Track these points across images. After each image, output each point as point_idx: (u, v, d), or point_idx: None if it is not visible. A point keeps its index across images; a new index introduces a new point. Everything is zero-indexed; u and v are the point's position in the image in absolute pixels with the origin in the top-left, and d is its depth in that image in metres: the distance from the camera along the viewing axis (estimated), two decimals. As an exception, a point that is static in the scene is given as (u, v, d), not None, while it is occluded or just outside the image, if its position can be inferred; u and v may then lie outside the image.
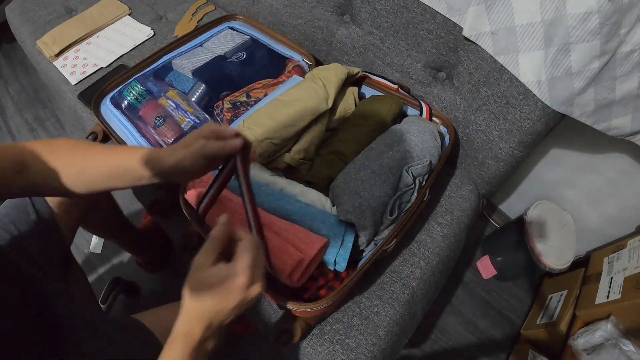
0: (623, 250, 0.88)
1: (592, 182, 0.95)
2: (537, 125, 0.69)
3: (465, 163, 0.84)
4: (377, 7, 0.78)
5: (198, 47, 0.93)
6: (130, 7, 1.10)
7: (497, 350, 1.06)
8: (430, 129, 0.72)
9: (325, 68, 0.78)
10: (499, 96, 0.71)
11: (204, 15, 1.09)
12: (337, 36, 0.89)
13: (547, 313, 1.00)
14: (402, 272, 0.71)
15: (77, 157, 0.49)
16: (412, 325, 0.71)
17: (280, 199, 0.62)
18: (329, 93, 0.74)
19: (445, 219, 0.78)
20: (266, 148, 0.68)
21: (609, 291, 0.82)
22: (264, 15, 0.99)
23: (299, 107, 0.71)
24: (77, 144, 0.49)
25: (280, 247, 0.55)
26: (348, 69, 0.79)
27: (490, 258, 1.11)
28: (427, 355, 1.04)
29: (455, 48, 0.74)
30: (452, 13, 0.69)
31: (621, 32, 0.56)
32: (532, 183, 1.08)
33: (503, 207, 1.22)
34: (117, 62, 0.98)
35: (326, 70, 0.78)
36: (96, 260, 1.15)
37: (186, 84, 0.84)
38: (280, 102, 0.73)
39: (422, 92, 0.83)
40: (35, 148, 0.47)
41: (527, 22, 0.61)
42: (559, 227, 1.00)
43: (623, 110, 0.65)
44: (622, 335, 0.76)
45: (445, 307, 1.11)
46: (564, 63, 0.61)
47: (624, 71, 0.60)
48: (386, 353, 0.65)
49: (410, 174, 0.66)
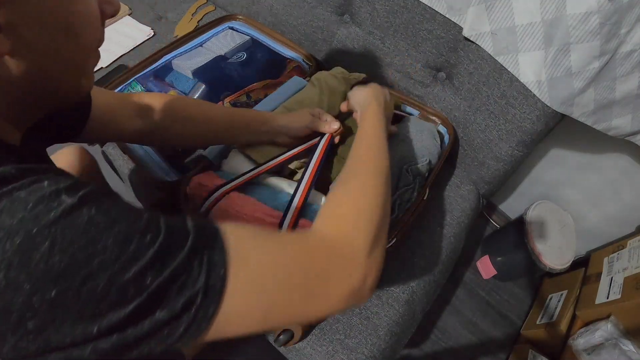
0: (623, 250, 0.88)
1: (592, 182, 0.95)
2: (537, 125, 0.69)
3: (465, 163, 0.84)
4: (377, 7, 0.78)
5: (198, 47, 0.93)
6: (130, 7, 1.10)
7: (497, 350, 1.06)
8: (429, 127, 0.72)
9: (333, 76, 0.77)
10: (499, 96, 0.71)
11: (204, 15, 1.09)
12: (337, 36, 0.89)
13: (547, 313, 1.00)
14: (401, 272, 0.71)
15: (203, 107, 0.61)
16: (412, 325, 0.71)
17: (281, 199, 0.62)
18: (335, 106, 0.74)
19: (445, 219, 0.78)
20: (270, 149, 0.68)
21: (609, 291, 0.82)
22: (264, 15, 0.99)
23: None
24: (201, 101, 0.63)
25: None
26: (354, 76, 0.78)
27: (490, 258, 1.11)
28: (427, 355, 1.04)
29: (455, 48, 0.74)
30: (452, 13, 0.69)
31: (621, 32, 0.56)
32: (532, 183, 1.08)
33: (503, 207, 1.22)
34: (117, 62, 0.98)
35: (334, 78, 0.76)
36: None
37: (186, 84, 0.84)
38: (286, 109, 0.73)
39: (422, 92, 0.83)
40: (158, 98, 0.56)
41: (527, 22, 0.61)
42: (559, 227, 1.00)
43: (623, 110, 0.65)
44: (622, 335, 0.76)
45: (445, 307, 1.11)
46: (564, 63, 0.61)
47: (624, 71, 0.60)
48: (386, 353, 0.65)
49: (409, 173, 0.66)
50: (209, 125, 0.59)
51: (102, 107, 0.49)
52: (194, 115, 0.58)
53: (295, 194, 0.59)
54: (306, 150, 0.65)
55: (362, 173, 0.42)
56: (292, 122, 0.64)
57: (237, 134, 0.62)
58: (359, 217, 0.37)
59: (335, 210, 0.38)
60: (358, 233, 0.35)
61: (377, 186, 0.40)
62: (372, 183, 0.41)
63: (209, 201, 0.60)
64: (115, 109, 0.51)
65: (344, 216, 0.37)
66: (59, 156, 0.71)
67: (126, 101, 0.53)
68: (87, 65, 0.32)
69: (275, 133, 0.64)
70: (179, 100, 0.60)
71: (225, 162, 0.68)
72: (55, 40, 0.27)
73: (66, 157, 0.71)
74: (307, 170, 0.61)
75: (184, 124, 0.57)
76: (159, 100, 0.56)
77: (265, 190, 0.63)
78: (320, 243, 0.33)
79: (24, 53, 0.26)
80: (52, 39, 0.26)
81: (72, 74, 0.30)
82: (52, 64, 0.28)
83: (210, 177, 0.63)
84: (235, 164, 0.67)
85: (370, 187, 0.40)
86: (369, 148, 0.47)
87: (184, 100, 0.60)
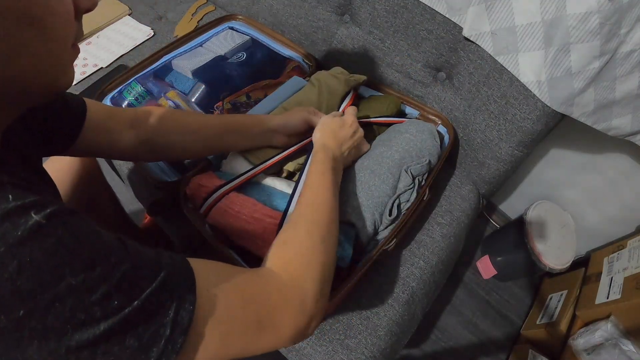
0: (623, 250, 0.88)
1: (592, 182, 0.95)
2: (537, 125, 0.69)
3: (465, 163, 0.84)
4: (377, 7, 0.78)
5: (198, 47, 0.93)
6: (130, 7, 1.10)
7: (497, 350, 1.06)
8: (429, 128, 0.72)
9: (333, 76, 0.76)
10: (499, 96, 0.71)
11: (204, 15, 1.09)
12: (337, 36, 0.89)
13: (547, 313, 1.00)
14: (401, 272, 0.71)
15: (196, 116, 0.62)
16: (411, 325, 0.71)
17: (280, 199, 0.62)
18: (334, 107, 0.74)
19: (445, 219, 0.78)
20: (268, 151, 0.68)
21: (609, 291, 0.82)
22: (264, 15, 0.99)
23: None
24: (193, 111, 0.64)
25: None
26: (354, 78, 0.77)
27: (490, 258, 1.11)
28: (427, 355, 1.04)
29: (455, 48, 0.74)
30: (452, 13, 0.69)
31: (621, 32, 0.56)
32: (532, 183, 1.08)
33: (503, 207, 1.22)
34: (117, 62, 0.98)
35: (334, 79, 0.75)
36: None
37: (186, 85, 0.84)
38: (285, 110, 0.72)
39: (422, 92, 0.83)
40: (151, 109, 0.57)
41: (527, 22, 0.61)
42: (559, 227, 1.00)
43: (623, 110, 0.65)
44: (622, 335, 0.76)
45: (445, 307, 1.11)
46: (564, 63, 0.61)
47: (624, 71, 0.60)
48: (386, 353, 0.65)
49: (409, 174, 0.66)
50: (204, 132, 0.59)
51: (96, 117, 0.49)
52: (188, 123, 0.58)
53: (294, 193, 0.59)
54: (302, 149, 0.66)
55: (305, 223, 0.45)
56: (288, 119, 0.65)
57: (232, 139, 0.62)
58: (309, 264, 0.40)
59: (285, 253, 0.41)
60: (308, 280, 0.38)
61: (319, 237, 0.43)
62: (316, 233, 0.44)
63: (208, 202, 0.60)
64: (109, 120, 0.51)
65: (292, 261, 0.40)
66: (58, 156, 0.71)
67: (120, 113, 0.54)
68: (62, 60, 0.30)
69: (272, 133, 0.64)
70: (173, 111, 0.61)
71: (225, 163, 0.68)
72: (20, 33, 0.25)
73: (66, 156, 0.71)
74: (305, 170, 0.61)
75: (178, 134, 0.57)
76: (153, 112, 0.56)
77: (264, 191, 0.63)
78: (274, 285, 0.36)
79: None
80: (17, 32, 0.25)
81: (45, 70, 0.29)
82: (20, 59, 0.26)
83: (210, 178, 0.63)
84: (235, 164, 0.67)
85: (314, 237, 0.43)
86: (310, 200, 0.49)
87: (177, 111, 0.60)
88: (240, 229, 0.58)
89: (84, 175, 0.71)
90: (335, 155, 0.58)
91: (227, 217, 0.59)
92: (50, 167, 0.66)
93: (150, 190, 0.78)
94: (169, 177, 0.73)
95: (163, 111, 0.58)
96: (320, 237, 0.43)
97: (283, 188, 0.64)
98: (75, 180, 0.69)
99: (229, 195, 0.60)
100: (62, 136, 0.47)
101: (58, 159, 0.71)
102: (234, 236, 0.60)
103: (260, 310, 0.33)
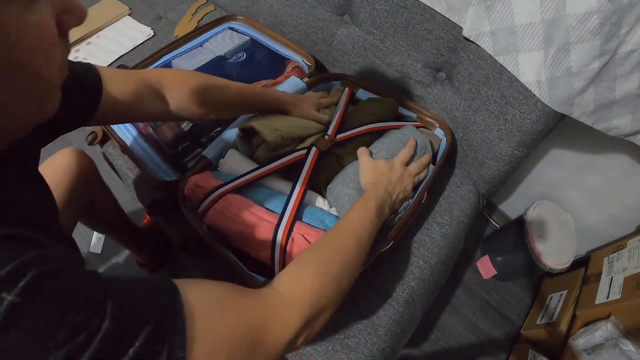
0: (623, 250, 0.88)
1: (592, 182, 0.95)
2: (537, 125, 0.69)
3: (464, 163, 0.84)
4: (377, 7, 0.78)
5: (198, 48, 0.93)
6: (130, 7, 1.10)
7: (497, 350, 1.06)
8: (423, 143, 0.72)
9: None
10: (498, 96, 0.71)
11: (204, 16, 1.09)
12: (337, 36, 0.89)
13: (547, 313, 1.00)
14: (401, 271, 0.71)
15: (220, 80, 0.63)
16: (411, 325, 0.71)
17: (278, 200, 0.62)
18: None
19: (445, 218, 0.78)
20: (274, 138, 0.68)
21: (609, 291, 0.82)
22: (264, 15, 0.99)
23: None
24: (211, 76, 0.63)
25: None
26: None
27: (490, 258, 1.11)
28: (427, 355, 1.04)
29: (455, 48, 0.74)
30: (452, 13, 0.69)
31: (621, 32, 0.56)
32: (532, 183, 1.08)
33: (503, 207, 1.22)
34: (117, 62, 0.98)
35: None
36: (96, 260, 1.15)
37: (186, 84, 0.84)
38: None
39: (422, 92, 0.83)
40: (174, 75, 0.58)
41: (527, 22, 0.61)
42: (559, 227, 1.00)
43: (623, 110, 0.65)
44: (622, 335, 0.76)
45: (445, 307, 1.11)
46: (564, 63, 0.61)
47: (624, 71, 0.60)
48: (386, 352, 0.65)
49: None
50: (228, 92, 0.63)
51: (115, 92, 0.49)
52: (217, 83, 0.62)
53: (292, 195, 0.59)
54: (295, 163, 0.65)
55: (328, 246, 0.45)
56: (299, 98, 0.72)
57: (252, 101, 0.68)
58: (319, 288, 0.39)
59: (297, 274, 0.41)
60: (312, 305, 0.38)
61: (338, 264, 0.43)
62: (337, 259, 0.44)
63: (205, 203, 0.60)
64: (130, 93, 0.51)
65: (302, 282, 0.39)
66: (55, 158, 0.70)
67: (143, 80, 0.54)
68: (49, 88, 0.27)
69: (283, 103, 0.70)
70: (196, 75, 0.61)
71: (222, 162, 0.68)
72: (2, 81, 0.23)
73: (63, 158, 0.70)
74: (303, 171, 0.61)
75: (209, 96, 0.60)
76: (179, 78, 0.58)
77: (262, 192, 0.63)
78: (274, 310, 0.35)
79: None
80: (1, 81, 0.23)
81: (29, 103, 0.26)
82: (8, 107, 0.25)
83: (207, 178, 0.63)
84: (232, 164, 0.67)
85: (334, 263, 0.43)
86: (344, 227, 0.50)
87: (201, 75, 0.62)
88: (237, 232, 0.58)
89: (81, 177, 0.71)
90: (384, 198, 0.57)
91: (224, 219, 0.59)
92: (47, 169, 0.66)
93: (149, 190, 0.78)
94: (168, 177, 0.73)
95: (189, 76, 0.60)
96: (339, 265, 0.43)
97: (281, 188, 0.64)
98: (73, 181, 0.69)
99: (226, 197, 0.60)
100: (75, 120, 0.47)
101: (54, 161, 0.70)
102: (231, 238, 0.60)
103: (255, 337, 0.33)
